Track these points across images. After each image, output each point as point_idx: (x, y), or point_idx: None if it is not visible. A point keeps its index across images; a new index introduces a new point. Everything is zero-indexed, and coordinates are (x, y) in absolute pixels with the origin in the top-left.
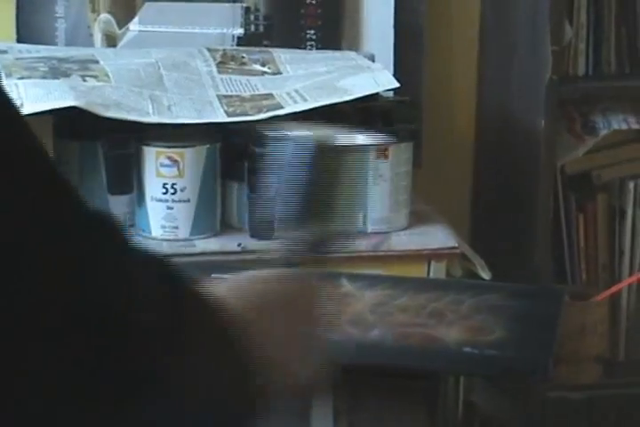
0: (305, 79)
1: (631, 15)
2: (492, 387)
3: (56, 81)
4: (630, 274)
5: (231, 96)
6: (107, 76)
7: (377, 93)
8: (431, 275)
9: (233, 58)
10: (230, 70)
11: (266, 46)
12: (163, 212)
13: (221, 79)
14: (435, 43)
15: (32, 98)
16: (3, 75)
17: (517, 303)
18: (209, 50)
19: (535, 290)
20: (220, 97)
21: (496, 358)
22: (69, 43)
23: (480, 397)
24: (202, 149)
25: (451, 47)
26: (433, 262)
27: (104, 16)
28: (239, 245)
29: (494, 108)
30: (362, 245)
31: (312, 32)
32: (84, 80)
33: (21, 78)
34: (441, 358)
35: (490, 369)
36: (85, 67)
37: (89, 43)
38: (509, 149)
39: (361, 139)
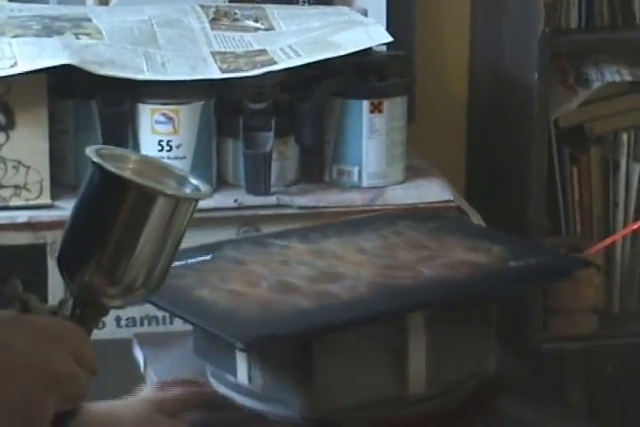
0: (298, 35)
1: None
2: None
3: (49, 39)
4: (624, 226)
5: (225, 52)
6: (100, 33)
7: (370, 48)
8: None
9: (226, 14)
10: (223, 27)
11: (258, 2)
12: None
13: (215, 36)
14: None
15: (26, 56)
16: None
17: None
18: (202, 6)
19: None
20: (213, 53)
21: (538, 265)
22: (62, 1)
23: None
24: (197, 106)
25: (442, 1)
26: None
27: None
28: (235, 200)
29: (487, 62)
30: (357, 199)
31: None
32: (78, 38)
33: (15, 37)
34: (493, 278)
35: (539, 278)
36: (78, 25)
37: (81, 1)
38: (502, 102)
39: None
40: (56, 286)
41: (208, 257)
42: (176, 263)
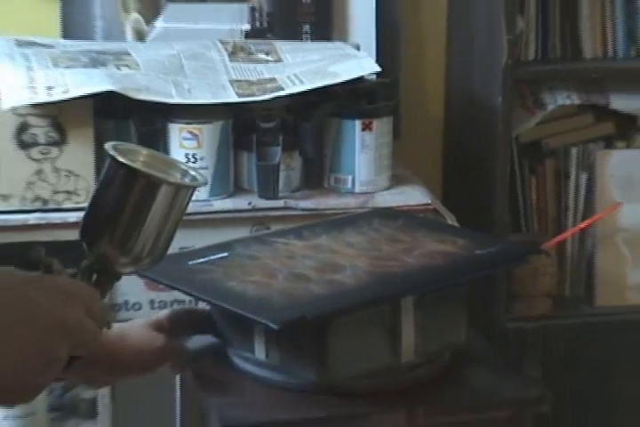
0: (302, 65)
1: (572, 8)
2: None
3: (95, 70)
4: (574, 225)
5: (240, 80)
6: (137, 65)
7: (362, 77)
8: None
9: (242, 49)
10: (240, 59)
11: (269, 39)
12: None
13: (232, 66)
14: (409, 34)
15: (76, 84)
16: (32, 53)
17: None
18: (222, 42)
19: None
20: (231, 81)
21: (501, 252)
22: (106, 38)
23: None
24: (217, 125)
25: (422, 37)
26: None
27: (134, 15)
28: (249, 203)
29: (460, 88)
30: (351, 203)
31: (307, 26)
32: (119, 69)
33: (67, 68)
34: (465, 265)
35: (503, 262)
36: (119, 58)
37: (122, 38)
38: (472, 121)
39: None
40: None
41: (225, 254)
42: (199, 260)
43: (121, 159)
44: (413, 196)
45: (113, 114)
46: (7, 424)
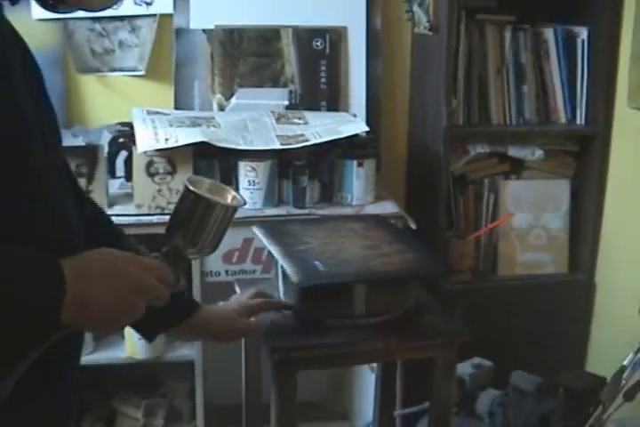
0: (320, 126)
1: (484, 94)
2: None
3: (194, 128)
4: (486, 225)
5: (283, 135)
6: (219, 125)
7: (357, 134)
8: None
9: (283, 116)
10: (282, 122)
11: (300, 110)
12: (249, 195)
13: (278, 127)
14: (386, 107)
15: (182, 137)
16: (157, 118)
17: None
18: (271, 112)
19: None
20: (277, 136)
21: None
22: (201, 109)
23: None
24: (268, 163)
25: (394, 109)
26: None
27: (218, 95)
28: (287, 212)
29: (417, 141)
30: (350, 211)
31: (324, 102)
32: (208, 127)
33: (177, 127)
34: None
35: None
36: (209, 121)
37: (210, 109)
38: (425, 161)
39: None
40: None
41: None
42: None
43: (190, 187)
44: (388, 207)
45: (204, 155)
46: (140, 343)
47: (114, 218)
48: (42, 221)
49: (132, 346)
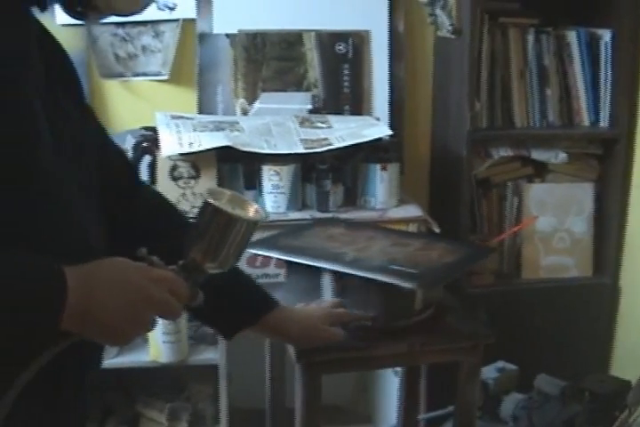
0: (344, 130)
1: (507, 96)
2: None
3: (218, 132)
4: (509, 229)
5: (306, 139)
6: (243, 129)
7: (381, 137)
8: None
9: (307, 120)
10: (306, 126)
11: (323, 114)
12: (272, 199)
13: (301, 131)
14: (410, 111)
15: (206, 141)
16: (181, 122)
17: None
18: (295, 116)
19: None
20: (300, 140)
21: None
22: (224, 113)
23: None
24: (292, 167)
25: (418, 113)
26: (410, 224)
27: (241, 100)
28: (311, 215)
29: (440, 143)
30: (374, 215)
31: (347, 106)
32: (232, 132)
33: (201, 131)
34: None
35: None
36: (232, 125)
37: (234, 113)
38: (448, 164)
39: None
40: None
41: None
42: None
43: (210, 201)
44: (412, 211)
45: (228, 160)
46: (164, 347)
47: None
48: (54, 227)
49: (156, 350)
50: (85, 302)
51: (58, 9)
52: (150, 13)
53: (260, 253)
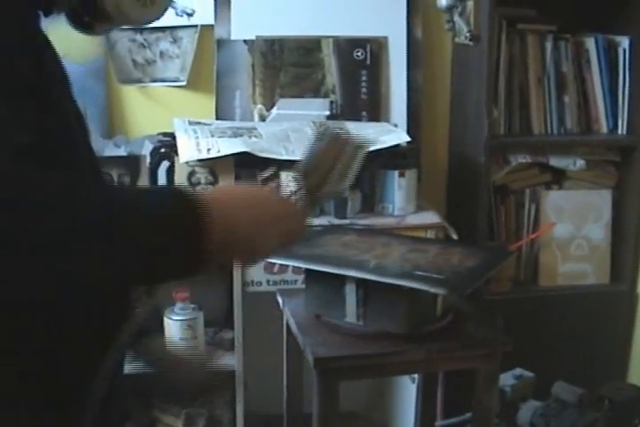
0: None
1: (525, 103)
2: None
3: (236, 138)
4: (527, 236)
5: None
6: (261, 135)
7: (398, 144)
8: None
9: (325, 125)
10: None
11: (341, 120)
12: None
13: None
14: (427, 118)
15: (224, 147)
16: (199, 128)
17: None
18: (312, 122)
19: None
20: None
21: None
22: (242, 119)
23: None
24: None
25: (435, 118)
26: (428, 231)
27: (259, 105)
28: (329, 222)
29: (458, 151)
30: (392, 222)
31: (364, 113)
32: (250, 138)
33: (219, 137)
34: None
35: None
36: (250, 131)
37: (251, 119)
38: (466, 171)
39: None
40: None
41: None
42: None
43: (324, 129)
44: (429, 217)
45: (246, 165)
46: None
47: None
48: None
49: None
50: (227, 216)
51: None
52: (168, 19)
53: (282, 262)
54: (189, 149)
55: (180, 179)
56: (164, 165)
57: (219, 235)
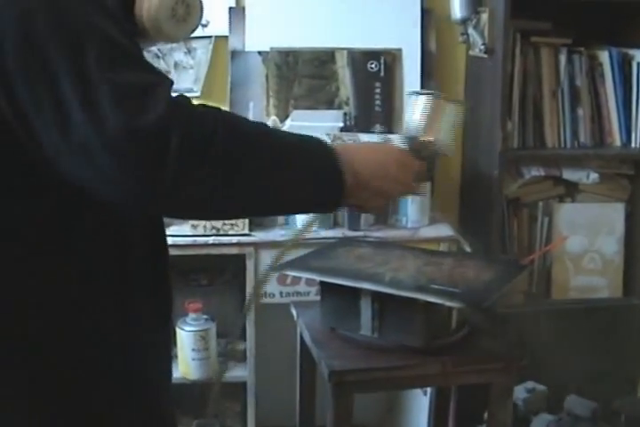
0: None
1: (539, 117)
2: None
3: None
4: (539, 249)
5: None
6: None
7: None
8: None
9: (339, 138)
10: (338, 143)
11: (354, 132)
12: (304, 217)
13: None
14: None
15: None
16: None
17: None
18: (327, 134)
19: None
20: None
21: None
22: None
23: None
24: None
25: None
26: (442, 244)
27: (272, 117)
28: (342, 234)
29: (471, 164)
30: (405, 234)
31: (377, 125)
32: None
33: None
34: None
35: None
36: None
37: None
38: (479, 185)
39: None
40: (251, 279)
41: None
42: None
43: (426, 95)
44: (443, 230)
45: None
46: (193, 364)
47: (169, 239)
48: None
49: (185, 366)
50: (354, 160)
51: None
52: None
53: (297, 274)
54: None
55: None
56: None
57: (351, 174)
